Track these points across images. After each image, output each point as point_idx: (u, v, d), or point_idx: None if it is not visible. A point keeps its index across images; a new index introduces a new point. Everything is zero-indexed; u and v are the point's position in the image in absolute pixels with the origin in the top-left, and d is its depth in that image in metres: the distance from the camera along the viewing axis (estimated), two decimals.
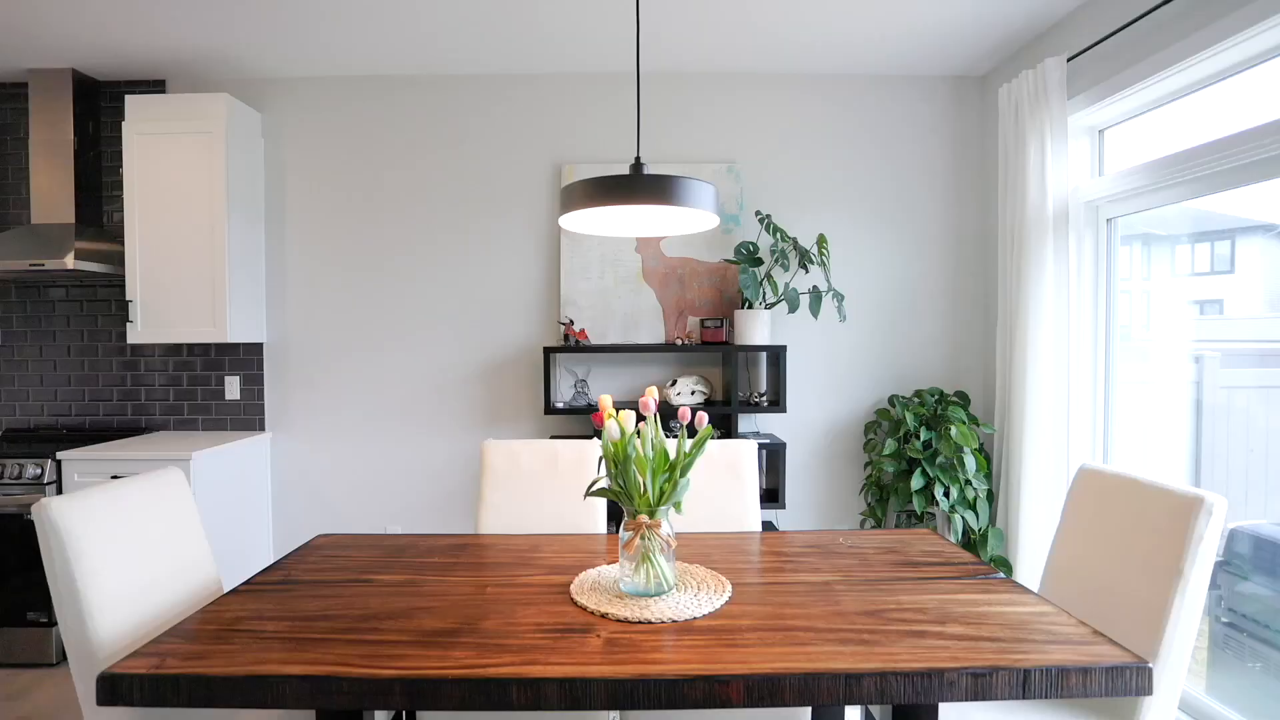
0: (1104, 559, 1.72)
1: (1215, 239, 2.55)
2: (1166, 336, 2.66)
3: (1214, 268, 2.57)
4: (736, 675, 1.22)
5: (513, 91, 3.39)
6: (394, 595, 1.59)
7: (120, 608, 1.53)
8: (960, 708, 1.64)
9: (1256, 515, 2.50)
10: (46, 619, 2.83)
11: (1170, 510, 1.56)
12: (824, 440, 3.41)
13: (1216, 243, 2.54)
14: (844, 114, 3.41)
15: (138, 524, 1.65)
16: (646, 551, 1.54)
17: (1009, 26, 2.92)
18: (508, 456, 2.29)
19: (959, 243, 3.42)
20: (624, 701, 1.21)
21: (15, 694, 2.64)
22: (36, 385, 3.43)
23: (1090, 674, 1.24)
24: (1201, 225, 2.55)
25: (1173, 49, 2.27)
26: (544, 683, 1.21)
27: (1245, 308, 2.42)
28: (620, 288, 3.32)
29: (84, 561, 1.47)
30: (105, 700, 1.22)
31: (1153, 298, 2.75)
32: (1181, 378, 2.60)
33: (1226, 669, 2.47)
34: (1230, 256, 2.50)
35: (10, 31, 2.88)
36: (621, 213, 1.70)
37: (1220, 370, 2.52)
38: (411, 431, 3.41)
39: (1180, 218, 2.59)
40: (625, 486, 1.54)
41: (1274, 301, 2.31)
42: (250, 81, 3.40)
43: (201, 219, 3.10)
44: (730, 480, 2.31)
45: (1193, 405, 2.56)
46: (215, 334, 3.10)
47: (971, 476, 2.90)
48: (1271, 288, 2.32)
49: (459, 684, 1.21)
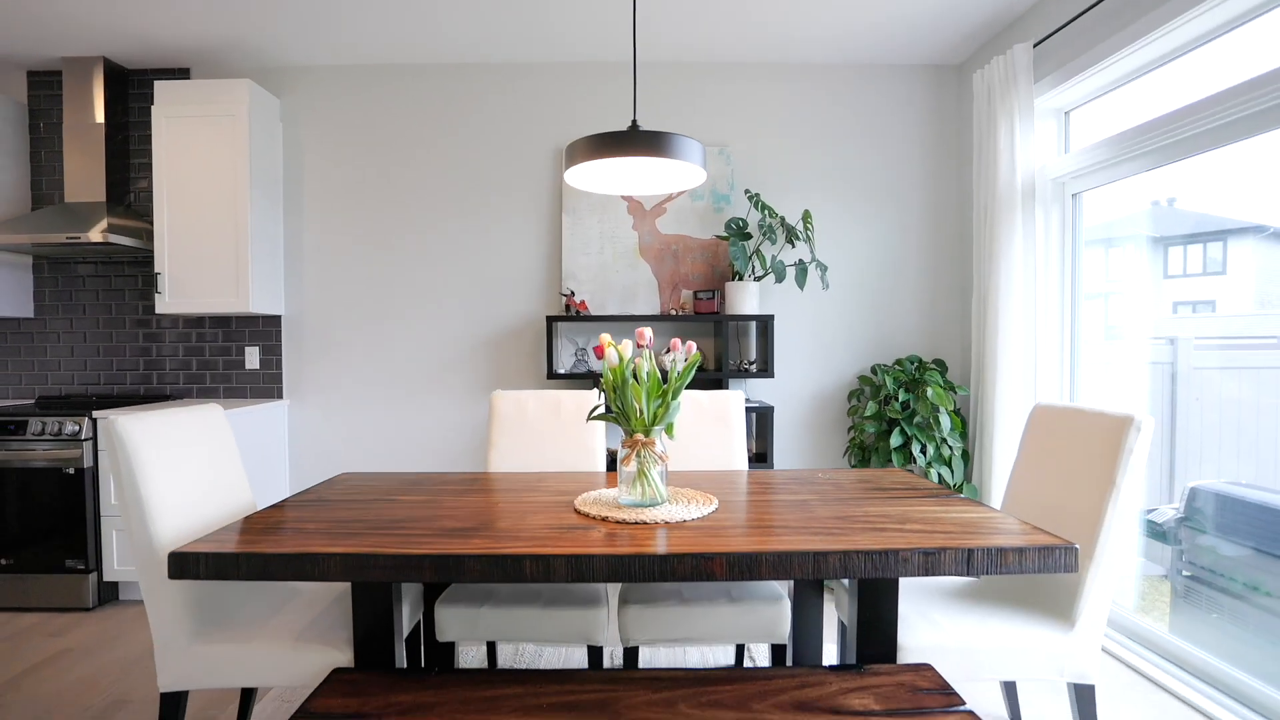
0: (1053, 481, 1.92)
1: (1208, 240, 2.69)
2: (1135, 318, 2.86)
3: (1206, 269, 2.70)
4: (720, 553, 1.41)
5: (516, 80, 3.60)
6: (417, 508, 1.78)
7: (176, 514, 1.72)
8: (930, 615, 1.83)
9: (1211, 476, 2.67)
10: (84, 566, 3.02)
11: (1106, 430, 1.76)
12: (810, 406, 3.61)
13: (1209, 244, 2.66)
14: (830, 100, 3.62)
15: (187, 446, 1.84)
16: (642, 466, 1.74)
17: (981, 16, 3.13)
18: (515, 405, 2.49)
19: (938, 219, 3.63)
20: (622, 574, 1.41)
21: (57, 632, 2.83)
22: (67, 356, 3.63)
23: (1025, 553, 1.43)
24: (1200, 226, 2.68)
25: (1129, 30, 2.48)
26: (553, 558, 1.40)
27: (1236, 305, 2.52)
28: (618, 263, 3.52)
29: (145, 469, 1.66)
30: (175, 574, 1.41)
31: (1127, 287, 2.91)
32: (1144, 354, 2.78)
33: (1189, 615, 2.65)
34: (1223, 259, 2.63)
35: (46, 21, 3.08)
36: (620, 167, 1.90)
37: (1194, 351, 2.69)
38: (421, 398, 3.61)
39: (1177, 219, 2.71)
40: (623, 408, 1.74)
41: (1264, 300, 2.40)
42: (269, 69, 3.61)
43: (225, 197, 3.30)
44: (720, 428, 2.51)
45: (1168, 380, 2.73)
46: (238, 305, 3.29)
47: (947, 435, 3.10)
48: (1262, 287, 2.41)
49: (479, 559, 1.40)
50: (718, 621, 1.90)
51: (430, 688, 1.47)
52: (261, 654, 1.68)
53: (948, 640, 1.71)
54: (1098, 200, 2.96)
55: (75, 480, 3.01)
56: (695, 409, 2.51)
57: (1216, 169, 2.40)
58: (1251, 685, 2.16)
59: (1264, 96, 2.06)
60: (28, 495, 3.02)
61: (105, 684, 2.42)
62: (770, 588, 2.02)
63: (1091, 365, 3.02)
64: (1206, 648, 2.44)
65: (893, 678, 1.52)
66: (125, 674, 2.49)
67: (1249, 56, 2.22)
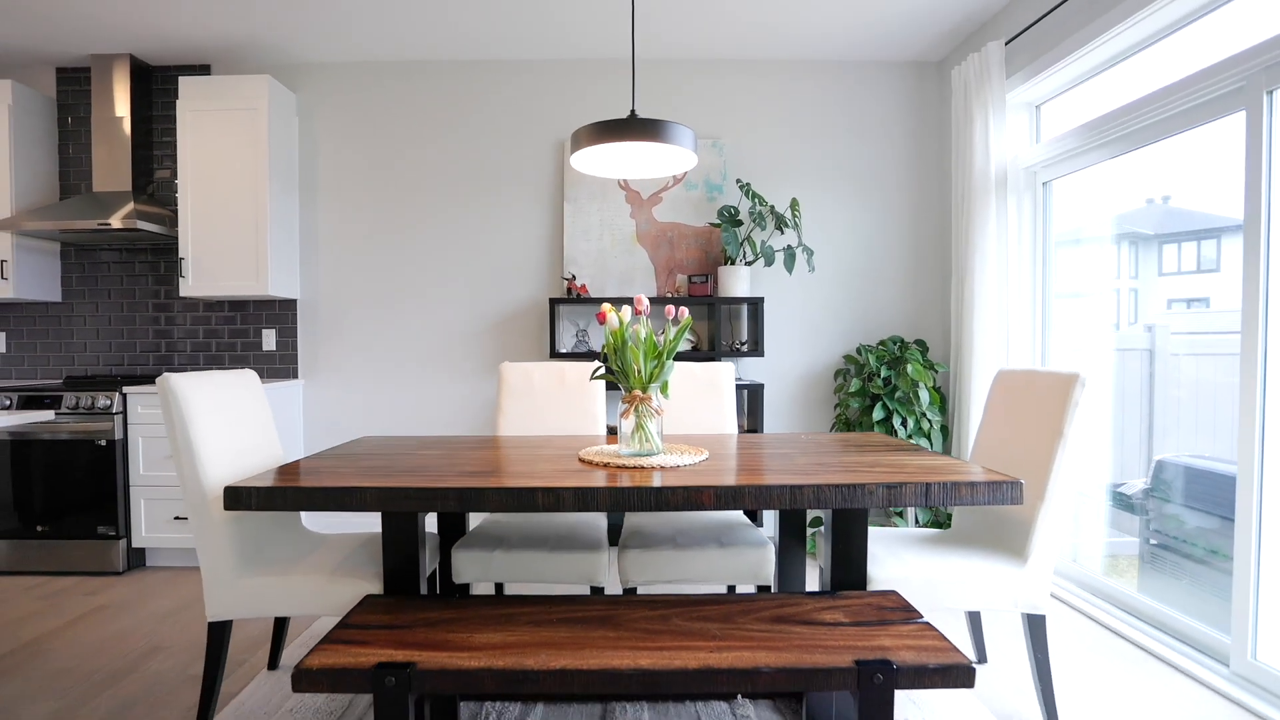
0: (1012, 435, 2.12)
1: (1203, 238, 2.83)
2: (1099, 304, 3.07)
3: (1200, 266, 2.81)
4: (708, 486, 1.61)
5: (520, 76, 3.79)
6: (437, 460, 1.98)
7: (221, 462, 1.91)
8: (900, 555, 2.03)
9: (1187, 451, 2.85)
10: (114, 533, 3.21)
11: (1056, 387, 1.96)
12: (799, 384, 3.82)
13: (1204, 241, 2.79)
14: (818, 95, 3.82)
15: (228, 404, 2.03)
16: (640, 420, 1.94)
17: (959, 15, 3.33)
18: (522, 375, 2.69)
19: (919, 207, 3.83)
20: (622, 504, 1.60)
21: (92, 592, 3.02)
22: (92, 338, 3.81)
23: (976, 487, 1.63)
24: (1198, 225, 2.74)
25: (1091, 26, 2.67)
26: (562, 490, 1.60)
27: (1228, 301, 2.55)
28: (617, 249, 3.71)
29: (196, 421, 1.85)
30: (230, 505, 1.60)
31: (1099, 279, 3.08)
32: (1108, 337, 2.97)
33: (1155, 577, 2.84)
34: (1216, 257, 2.74)
35: (76, 21, 3.27)
36: (619, 152, 2.09)
37: (1171, 337, 2.85)
38: (430, 378, 3.81)
39: (1173, 218, 2.84)
40: (623, 367, 1.94)
41: None
42: (286, 65, 3.80)
43: (245, 186, 3.49)
44: (711, 397, 2.71)
45: (1147, 363, 2.89)
46: (257, 288, 3.48)
47: (926, 409, 3.30)
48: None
49: (498, 491, 1.60)
50: (709, 565, 2.09)
51: (453, 607, 1.67)
52: (299, 586, 1.87)
53: (913, 574, 1.91)
54: (1094, 199, 3.13)
55: (106, 452, 3.20)
56: (689, 379, 2.71)
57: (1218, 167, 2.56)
58: (1193, 626, 2.37)
59: (1210, 88, 2.26)
60: (62, 466, 3.21)
61: (142, 634, 2.61)
62: (757, 535, 2.22)
63: (1061, 342, 3.22)
64: (1169, 603, 2.63)
65: (861, 599, 1.73)
66: (159, 626, 2.68)
67: (1199, 50, 2.42)
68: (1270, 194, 2.07)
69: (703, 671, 1.36)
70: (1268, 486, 2.09)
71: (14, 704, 2.10)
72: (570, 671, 1.36)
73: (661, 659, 1.39)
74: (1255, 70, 2.07)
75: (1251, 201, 2.11)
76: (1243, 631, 2.14)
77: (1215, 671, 2.20)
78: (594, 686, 1.36)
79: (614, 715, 2.03)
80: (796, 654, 1.42)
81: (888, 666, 1.37)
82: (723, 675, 1.36)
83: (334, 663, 1.38)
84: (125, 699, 2.13)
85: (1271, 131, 2.05)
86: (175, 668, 2.34)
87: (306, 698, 2.12)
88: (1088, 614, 2.72)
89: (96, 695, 2.16)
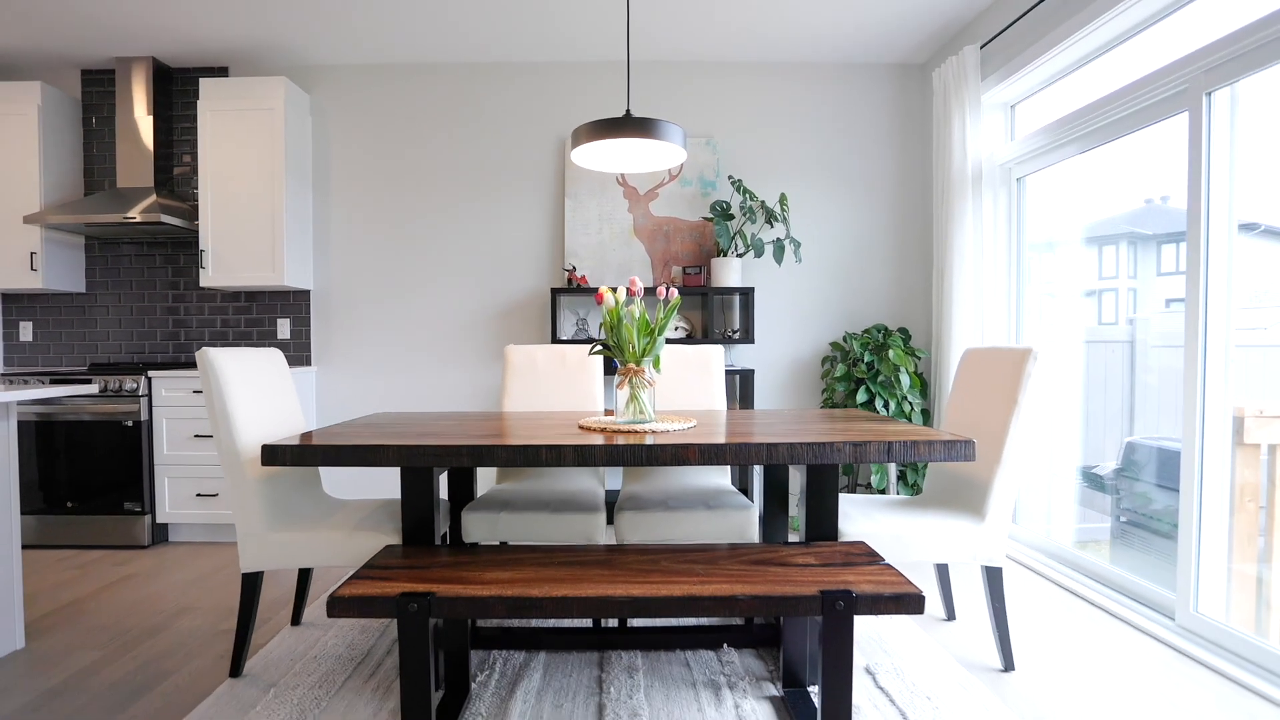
0: (975, 406, 2.31)
1: (1164, 241, 2.94)
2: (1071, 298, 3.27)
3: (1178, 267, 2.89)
4: (694, 443, 1.80)
5: (522, 77, 3.99)
6: (449, 429, 2.17)
7: (253, 429, 2.10)
8: (871, 515, 2.22)
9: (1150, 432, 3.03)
10: (140, 509, 3.40)
11: (1012, 362, 2.15)
12: (788, 371, 4.01)
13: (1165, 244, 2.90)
14: (807, 95, 4.01)
15: (257, 378, 2.22)
16: (634, 390, 2.13)
17: (940, 20, 3.53)
18: (526, 356, 2.88)
19: (903, 201, 4.02)
20: (617, 459, 1.79)
21: (121, 563, 3.22)
22: (114, 327, 4.01)
23: (933, 445, 1.82)
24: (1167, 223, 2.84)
25: (1058, 30, 2.86)
26: (564, 447, 1.79)
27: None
28: (615, 241, 3.91)
29: (232, 391, 2.05)
30: (267, 461, 1.79)
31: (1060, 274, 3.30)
32: (1078, 326, 3.17)
33: (1124, 550, 3.02)
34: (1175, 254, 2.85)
35: (101, 25, 3.46)
36: (615, 148, 2.29)
37: (1150, 330, 3.01)
38: (437, 364, 4.00)
39: (1168, 218, 3.00)
40: (619, 343, 2.13)
41: (1256, 294, 2.39)
42: (299, 67, 3.99)
43: (262, 182, 3.68)
44: (702, 376, 2.90)
45: (1128, 354, 3.06)
46: (274, 279, 3.68)
47: (907, 392, 3.49)
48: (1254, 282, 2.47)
49: (506, 448, 1.79)
50: (697, 525, 2.28)
51: (465, 554, 1.86)
52: (324, 540, 2.07)
53: (882, 530, 2.11)
54: (1064, 195, 3.32)
55: (133, 432, 3.39)
56: (681, 361, 2.90)
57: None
58: (1147, 587, 2.56)
59: (1157, 90, 2.45)
60: (90, 446, 3.40)
61: (171, 597, 2.80)
62: (742, 500, 2.41)
63: (1034, 331, 3.42)
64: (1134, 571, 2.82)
65: (831, 548, 1.92)
66: (187, 591, 2.87)
67: (1154, 54, 2.62)
68: (1209, 192, 2.26)
69: (687, 599, 1.56)
70: (1207, 459, 2.28)
71: (62, 654, 2.29)
72: (570, 599, 1.56)
73: (651, 589, 1.59)
74: (1196, 74, 2.27)
75: (1193, 198, 2.30)
76: (1186, 588, 2.33)
77: (1163, 625, 2.39)
78: (591, 611, 1.55)
79: (610, 662, 2.22)
80: (770, 586, 1.61)
81: (848, 595, 1.56)
82: (705, 602, 1.56)
83: (363, 592, 1.57)
84: (162, 650, 2.32)
85: (1210, 132, 2.25)
86: (205, 625, 2.53)
87: (328, 645, 2.31)
88: (1057, 582, 2.92)
89: (135, 646, 2.35)
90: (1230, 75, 2.16)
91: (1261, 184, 2.21)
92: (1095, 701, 1.97)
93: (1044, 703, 1.97)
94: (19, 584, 2.32)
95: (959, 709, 1.91)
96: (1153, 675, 2.11)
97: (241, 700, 1.98)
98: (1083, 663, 2.19)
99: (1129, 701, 1.96)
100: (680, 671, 2.16)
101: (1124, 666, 2.16)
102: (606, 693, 2.02)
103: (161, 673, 2.16)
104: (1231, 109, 2.22)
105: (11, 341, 4.01)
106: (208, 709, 1.93)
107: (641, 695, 2.01)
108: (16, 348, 4.01)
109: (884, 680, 2.09)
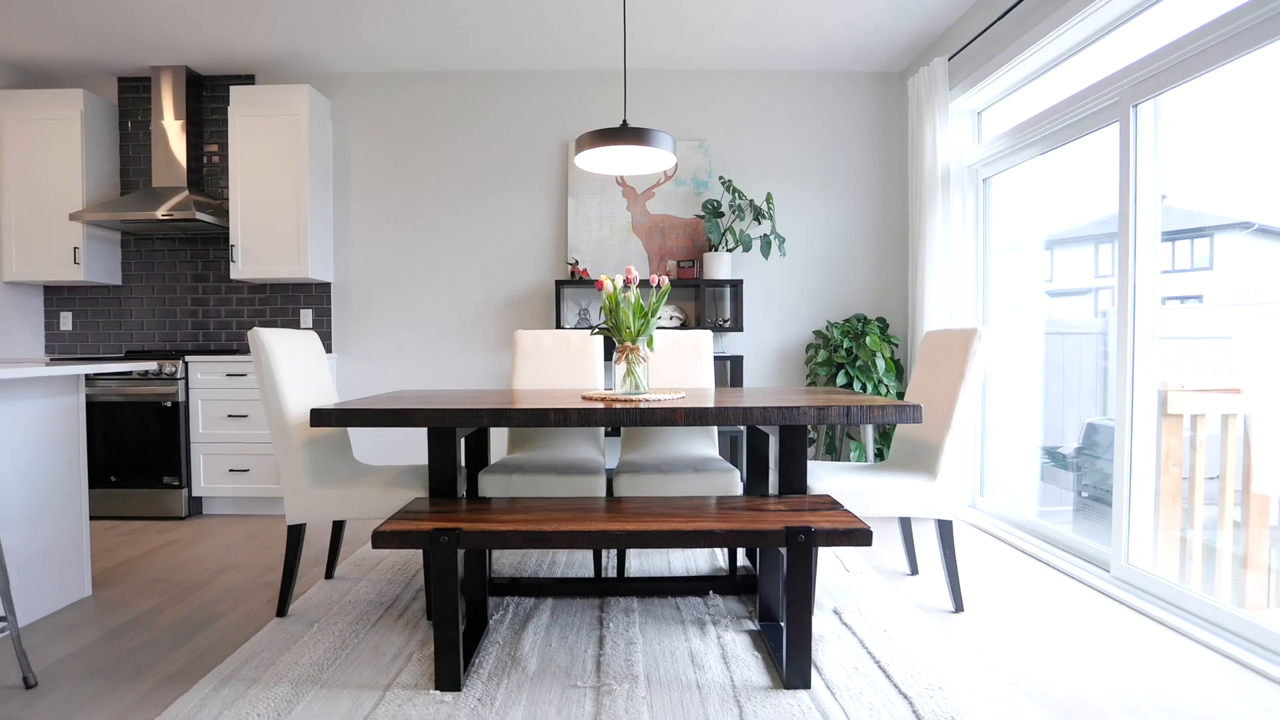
0: (933, 380, 2.61)
1: (1195, 236, 2.88)
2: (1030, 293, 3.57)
3: (1194, 264, 2.87)
4: (680, 407, 2.10)
5: (528, 84, 4.29)
6: (465, 401, 2.47)
7: (296, 400, 2.41)
8: (838, 475, 2.52)
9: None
10: (177, 483, 3.71)
11: (962, 340, 2.46)
12: (774, 357, 4.31)
13: (1196, 239, 2.85)
14: (794, 102, 4.31)
15: (298, 356, 2.53)
16: (630, 366, 2.43)
17: (915, 33, 3.83)
18: (534, 340, 3.18)
19: (882, 200, 4.33)
20: (614, 420, 2.09)
21: (162, 531, 3.52)
22: (149, 317, 4.31)
23: (885, 409, 2.12)
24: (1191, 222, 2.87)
25: (1018, 42, 3.14)
26: (569, 410, 2.09)
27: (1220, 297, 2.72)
28: (614, 237, 4.21)
29: (278, 363, 2.35)
30: (315, 423, 2.09)
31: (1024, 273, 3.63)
32: (1038, 315, 3.48)
33: (1084, 521, 3.32)
34: (1210, 255, 3.02)
35: (140, 37, 3.76)
36: (614, 154, 2.59)
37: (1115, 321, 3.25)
38: (448, 352, 4.30)
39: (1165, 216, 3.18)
40: (617, 324, 2.43)
41: (1248, 291, 2.48)
42: (320, 75, 4.29)
43: (288, 182, 3.98)
44: (692, 359, 3.20)
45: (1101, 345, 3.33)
46: (299, 271, 3.98)
47: (883, 375, 3.79)
48: (1248, 279, 2.50)
49: (519, 411, 2.09)
50: (686, 485, 2.59)
51: (484, 503, 2.17)
52: (360, 495, 2.37)
53: (846, 487, 2.41)
54: (1026, 197, 3.65)
55: (172, 412, 3.69)
56: (673, 344, 3.20)
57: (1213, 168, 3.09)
58: (1091, 545, 2.87)
59: (1095, 101, 2.75)
60: (133, 425, 3.70)
61: (214, 558, 3.10)
62: (727, 465, 2.71)
63: (999, 318, 3.72)
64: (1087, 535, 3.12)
65: (799, 498, 2.22)
66: (228, 551, 3.18)
67: (1096, 68, 2.91)
68: (1136, 198, 2.56)
69: (674, 533, 1.86)
70: (1136, 431, 2.58)
71: (124, 600, 2.59)
72: (576, 532, 1.86)
73: (643, 526, 1.89)
74: (1126, 87, 2.57)
75: (1123, 203, 2.60)
76: (1120, 542, 2.63)
77: (1100, 576, 2.70)
78: (594, 542, 1.86)
79: (610, 605, 2.52)
80: (744, 524, 1.91)
81: (808, 530, 1.86)
82: (689, 535, 1.86)
83: (401, 528, 1.88)
84: (212, 598, 2.63)
85: (1138, 141, 2.55)
86: (248, 579, 2.84)
87: (360, 593, 2.62)
88: (1014, 545, 3.22)
89: (188, 595, 2.65)
90: (1154, 89, 2.46)
91: (1190, 189, 2.51)
92: (1033, 635, 2.27)
93: (987, 636, 2.27)
94: (87, 538, 2.62)
95: (910, 639, 2.21)
96: (1087, 617, 2.41)
97: (289, 633, 2.28)
98: (1026, 607, 2.50)
99: (1063, 635, 2.27)
100: (671, 613, 2.47)
101: (1063, 610, 2.47)
102: (606, 627, 2.33)
103: (215, 615, 2.47)
104: (1155, 121, 2.52)
105: (53, 330, 4.31)
106: (261, 639, 2.23)
107: (637, 629, 2.31)
108: (57, 336, 4.32)
109: (848, 618, 2.40)
